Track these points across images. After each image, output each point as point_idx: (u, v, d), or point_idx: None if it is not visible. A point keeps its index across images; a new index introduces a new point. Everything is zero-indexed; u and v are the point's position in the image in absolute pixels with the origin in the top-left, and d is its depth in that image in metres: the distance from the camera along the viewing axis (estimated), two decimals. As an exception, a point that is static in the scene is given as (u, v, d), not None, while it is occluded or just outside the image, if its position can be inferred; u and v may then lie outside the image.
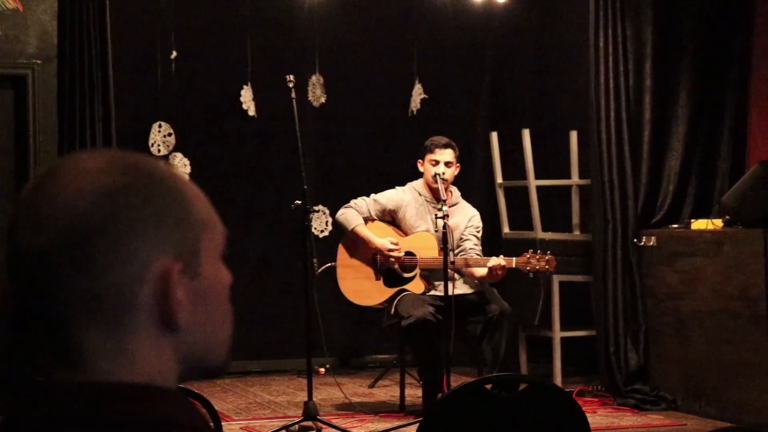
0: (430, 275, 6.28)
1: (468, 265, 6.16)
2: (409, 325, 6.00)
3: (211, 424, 1.16)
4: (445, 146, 6.26)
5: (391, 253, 6.20)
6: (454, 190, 6.41)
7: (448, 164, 6.24)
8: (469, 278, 6.23)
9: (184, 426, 1.10)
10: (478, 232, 6.35)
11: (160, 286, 1.11)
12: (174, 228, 1.13)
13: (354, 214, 6.26)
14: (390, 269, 6.28)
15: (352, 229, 6.24)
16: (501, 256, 6.10)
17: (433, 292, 6.23)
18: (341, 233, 6.37)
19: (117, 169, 1.13)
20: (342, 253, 6.34)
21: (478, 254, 6.25)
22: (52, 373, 1.12)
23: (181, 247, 1.13)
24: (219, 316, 1.17)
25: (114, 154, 1.16)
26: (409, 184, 6.41)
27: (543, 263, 6.10)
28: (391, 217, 6.37)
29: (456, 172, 6.31)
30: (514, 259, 6.09)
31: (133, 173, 1.13)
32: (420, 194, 6.34)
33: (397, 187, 6.43)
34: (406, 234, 6.33)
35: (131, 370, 1.11)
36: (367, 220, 6.30)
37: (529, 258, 6.11)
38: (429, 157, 6.27)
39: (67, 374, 1.11)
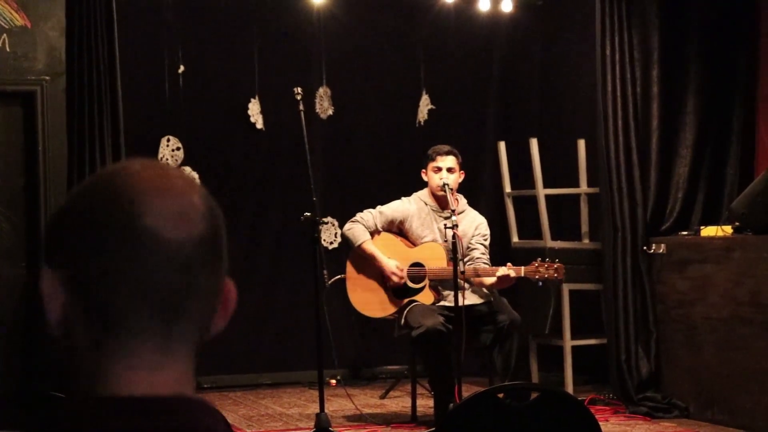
0: (439, 286, 6.29)
1: (477, 275, 6.16)
2: (419, 335, 6.00)
3: None
4: (447, 153, 6.29)
5: (393, 277, 6.22)
6: (461, 197, 6.42)
7: (450, 170, 6.26)
8: (478, 287, 6.24)
9: None
10: (485, 240, 6.35)
11: (226, 295, 1.14)
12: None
13: (361, 229, 6.27)
14: (399, 281, 6.29)
15: (359, 246, 6.26)
16: (509, 265, 6.10)
17: (442, 303, 6.23)
18: (350, 246, 6.38)
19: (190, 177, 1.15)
20: (351, 265, 6.35)
21: (485, 263, 6.25)
22: (136, 366, 1.08)
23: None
24: None
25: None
26: (415, 195, 6.42)
27: (552, 272, 6.10)
28: (398, 228, 6.38)
29: (460, 179, 6.33)
30: (522, 268, 6.09)
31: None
32: (426, 204, 6.35)
33: (403, 198, 6.44)
34: (413, 244, 6.34)
35: (179, 371, 1.11)
36: (373, 233, 6.31)
37: (537, 267, 6.11)
38: (431, 165, 6.30)
39: (158, 367, 1.08)
